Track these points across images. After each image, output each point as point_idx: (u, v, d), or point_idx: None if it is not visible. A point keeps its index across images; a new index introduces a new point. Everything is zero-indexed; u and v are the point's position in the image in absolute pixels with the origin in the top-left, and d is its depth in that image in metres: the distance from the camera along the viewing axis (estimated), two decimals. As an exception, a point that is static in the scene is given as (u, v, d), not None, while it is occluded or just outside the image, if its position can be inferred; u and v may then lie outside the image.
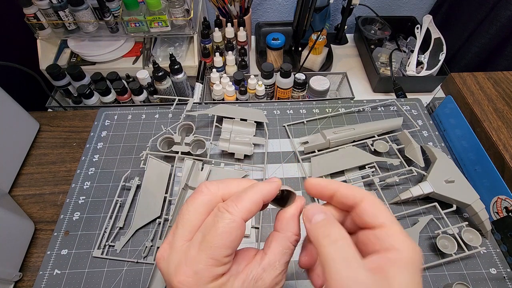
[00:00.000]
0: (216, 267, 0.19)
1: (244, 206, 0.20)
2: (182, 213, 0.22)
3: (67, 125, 0.61)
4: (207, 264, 0.19)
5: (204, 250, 0.19)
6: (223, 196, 0.22)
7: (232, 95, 0.70)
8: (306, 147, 0.54)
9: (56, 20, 0.71)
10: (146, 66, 0.78)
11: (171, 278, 0.19)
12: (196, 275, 0.19)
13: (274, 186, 0.22)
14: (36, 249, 0.46)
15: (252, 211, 0.21)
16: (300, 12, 0.80)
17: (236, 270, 0.20)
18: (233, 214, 0.20)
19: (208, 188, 0.22)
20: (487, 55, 0.84)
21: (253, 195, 0.21)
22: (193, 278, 0.19)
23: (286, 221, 0.22)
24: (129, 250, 0.45)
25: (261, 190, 0.21)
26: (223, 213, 0.20)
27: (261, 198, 0.21)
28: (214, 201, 0.22)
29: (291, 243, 0.22)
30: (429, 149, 0.53)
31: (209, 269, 0.19)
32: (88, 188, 0.51)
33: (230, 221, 0.20)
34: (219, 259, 0.19)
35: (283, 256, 0.21)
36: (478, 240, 0.44)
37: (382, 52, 0.89)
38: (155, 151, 0.52)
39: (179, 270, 0.19)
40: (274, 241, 0.22)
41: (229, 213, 0.20)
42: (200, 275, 0.19)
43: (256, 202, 0.21)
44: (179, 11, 0.71)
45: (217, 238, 0.19)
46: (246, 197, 0.21)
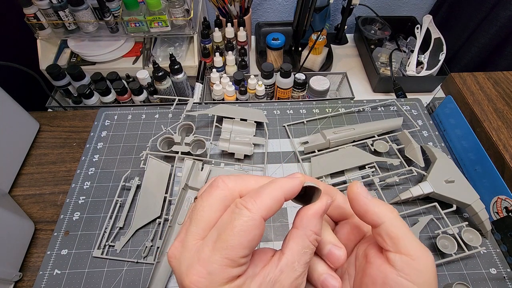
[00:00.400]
0: (232, 268, 0.18)
1: (264, 203, 0.18)
2: (196, 209, 0.20)
3: (67, 125, 0.61)
4: (222, 265, 0.17)
5: (219, 249, 0.18)
6: (240, 192, 0.20)
7: (232, 95, 0.70)
8: (306, 147, 0.54)
9: (56, 20, 0.71)
10: (146, 66, 0.78)
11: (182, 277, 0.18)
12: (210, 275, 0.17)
13: (296, 182, 0.20)
14: (36, 249, 0.46)
15: (273, 208, 0.19)
16: (300, 12, 0.80)
17: (252, 272, 0.19)
18: (252, 212, 0.18)
19: (225, 183, 0.20)
20: (487, 55, 0.84)
21: (274, 192, 0.19)
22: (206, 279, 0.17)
23: (307, 218, 0.20)
24: (129, 250, 0.45)
25: (282, 187, 0.19)
26: (241, 210, 0.18)
27: (283, 195, 0.19)
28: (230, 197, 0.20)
29: (311, 242, 0.20)
30: (429, 149, 0.53)
31: (224, 270, 0.18)
32: (88, 188, 0.51)
33: (248, 219, 0.18)
34: (235, 260, 0.18)
35: (302, 256, 0.19)
36: (478, 240, 0.44)
37: (382, 52, 0.89)
38: (155, 151, 0.52)
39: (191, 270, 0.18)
40: (292, 240, 0.20)
41: (248, 210, 0.18)
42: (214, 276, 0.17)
43: (277, 199, 0.19)
44: (179, 11, 0.71)
45: (233, 237, 0.18)
46: (266, 193, 0.19)
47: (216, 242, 0.18)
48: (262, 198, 0.19)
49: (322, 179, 0.51)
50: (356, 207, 0.21)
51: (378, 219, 0.20)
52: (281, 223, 0.48)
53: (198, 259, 0.18)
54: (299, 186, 0.20)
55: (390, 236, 0.20)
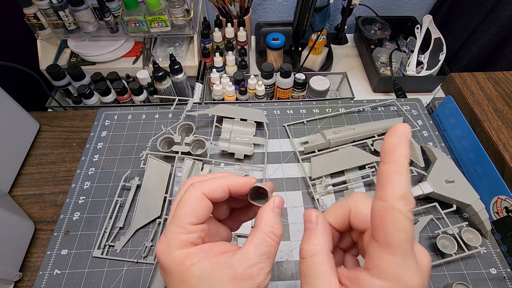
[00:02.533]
0: (183, 234, 0.21)
1: (208, 184, 0.23)
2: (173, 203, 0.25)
3: (67, 125, 0.61)
4: (175, 232, 0.21)
5: (173, 220, 0.22)
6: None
7: (232, 95, 0.70)
8: (306, 147, 0.54)
9: (56, 20, 0.71)
10: (146, 66, 0.78)
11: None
12: (168, 241, 0.21)
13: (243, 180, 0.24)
14: (36, 249, 0.46)
15: (214, 190, 0.23)
16: (300, 12, 0.80)
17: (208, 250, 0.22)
18: (195, 187, 0.23)
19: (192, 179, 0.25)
20: (487, 55, 0.84)
21: (220, 180, 0.23)
22: (165, 244, 0.21)
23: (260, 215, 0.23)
24: (129, 250, 0.45)
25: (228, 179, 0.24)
26: (188, 188, 0.23)
27: (226, 184, 0.23)
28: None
29: (266, 234, 0.22)
30: (429, 149, 0.53)
31: (177, 236, 0.21)
32: (88, 188, 0.51)
33: (191, 194, 0.22)
34: (184, 226, 0.21)
35: (258, 247, 0.21)
36: (478, 240, 0.44)
37: (382, 52, 0.89)
38: (155, 151, 0.52)
39: (159, 240, 0.23)
40: (251, 235, 0.22)
41: (192, 186, 0.23)
42: (170, 241, 0.21)
43: (220, 185, 0.23)
44: (179, 11, 0.71)
45: (181, 208, 0.22)
46: (212, 180, 0.23)
47: (173, 217, 0.22)
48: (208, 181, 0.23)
49: (322, 179, 0.51)
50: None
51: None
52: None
53: (164, 232, 0.23)
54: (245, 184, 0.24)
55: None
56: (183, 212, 0.22)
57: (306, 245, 0.21)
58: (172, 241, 0.21)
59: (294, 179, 0.52)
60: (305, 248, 0.20)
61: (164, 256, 0.21)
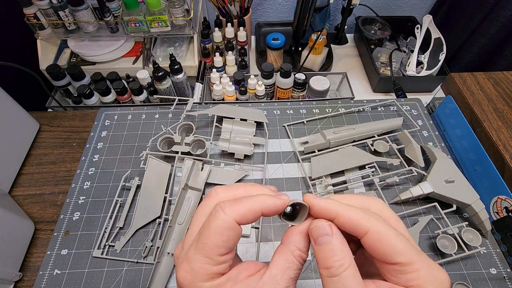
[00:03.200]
0: (211, 265, 0.20)
1: (239, 209, 0.20)
2: (193, 217, 0.23)
3: (67, 125, 0.61)
4: (202, 263, 0.20)
5: (199, 249, 0.20)
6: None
7: (232, 95, 0.70)
8: (306, 147, 0.54)
9: (56, 20, 0.71)
10: (146, 66, 0.78)
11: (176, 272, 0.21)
12: (193, 271, 0.20)
13: (279, 202, 0.21)
14: (36, 249, 0.46)
15: (247, 217, 0.20)
16: (300, 12, 0.80)
17: (235, 276, 0.20)
18: (227, 214, 0.20)
19: (217, 193, 0.23)
20: (487, 55, 0.84)
21: (252, 203, 0.21)
22: (191, 274, 0.20)
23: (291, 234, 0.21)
24: (129, 250, 0.45)
25: (262, 201, 0.21)
26: (217, 212, 0.20)
27: (260, 208, 0.21)
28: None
29: (295, 258, 0.21)
30: (429, 149, 0.53)
31: (204, 268, 0.20)
32: (88, 188, 0.51)
33: (222, 222, 0.20)
34: (213, 258, 0.20)
35: (286, 271, 0.20)
36: (478, 240, 0.44)
37: (382, 52, 0.89)
38: (155, 151, 0.52)
39: (180, 266, 0.20)
40: (277, 254, 0.21)
41: (223, 212, 0.20)
42: (196, 272, 0.20)
43: (253, 211, 0.21)
44: (179, 11, 0.71)
45: (209, 237, 0.20)
46: (245, 202, 0.21)
47: (198, 243, 0.20)
48: (240, 205, 0.20)
49: (322, 179, 0.51)
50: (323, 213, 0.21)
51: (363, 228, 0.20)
52: (281, 223, 0.48)
53: (186, 257, 0.20)
54: (281, 206, 0.21)
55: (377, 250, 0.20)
56: (213, 243, 0.20)
57: (331, 261, 0.19)
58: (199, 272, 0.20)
59: (294, 179, 0.52)
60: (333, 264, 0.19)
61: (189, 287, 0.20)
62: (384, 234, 0.19)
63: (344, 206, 0.21)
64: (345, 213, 0.20)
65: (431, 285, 0.18)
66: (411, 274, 0.19)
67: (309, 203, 0.21)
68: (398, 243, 0.19)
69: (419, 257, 0.19)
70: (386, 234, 0.19)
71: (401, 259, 0.19)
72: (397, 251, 0.19)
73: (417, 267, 0.19)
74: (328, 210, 0.21)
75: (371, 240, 0.19)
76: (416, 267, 0.19)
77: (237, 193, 0.22)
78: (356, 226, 0.20)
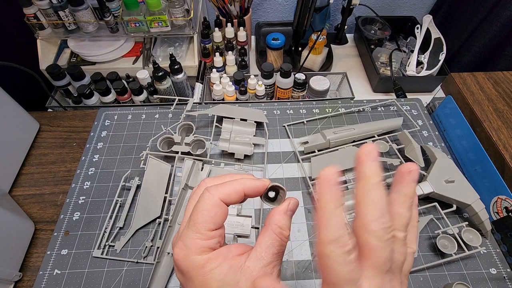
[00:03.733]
0: (202, 240, 0.22)
1: (223, 189, 0.23)
2: (186, 207, 0.25)
3: (67, 125, 0.61)
4: (194, 238, 0.22)
5: (190, 227, 0.22)
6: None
7: (232, 95, 0.70)
8: (306, 147, 0.54)
9: (56, 20, 0.71)
10: (146, 66, 0.78)
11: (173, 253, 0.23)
12: (186, 247, 0.22)
13: (259, 183, 0.24)
14: (36, 249, 0.46)
15: (231, 196, 0.23)
16: (300, 12, 0.80)
17: (225, 253, 0.22)
18: (212, 194, 0.23)
19: (205, 182, 0.25)
20: (487, 55, 0.84)
21: (235, 184, 0.23)
22: (184, 249, 0.22)
23: (272, 215, 0.24)
24: (129, 250, 0.45)
25: (244, 182, 0.24)
26: (204, 193, 0.23)
27: (242, 188, 0.23)
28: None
29: (276, 235, 0.23)
30: (429, 149, 0.53)
31: (196, 242, 0.22)
32: (88, 188, 0.51)
33: (209, 200, 0.22)
34: (203, 233, 0.22)
35: (269, 247, 0.22)
36: (478, 240, 0.44)
37: (382, 52, 0.89)
38: (155, 151, 0.52)
39: (176, 244, 0.23)
40: (261, 235, 0.23)
41: (209, 192, 0.23)
42: (189, 247, 0.22)
43: (236, 190, 0.23)
44: (179, 11, 0.71)
45: (198, 215, 0.22)
46: (228, 184, 0.23)
47: (189, 222, 0.23)
48: (224, 186, 0.23)
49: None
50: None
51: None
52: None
53: (180, 237, 0.23)
54: (261, 187, 0.24)
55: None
56: (202, 219, 0.22)
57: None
58: (191, 247, 0.22)
59: (294, 179, 0.52)
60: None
61: (184, 262, 0.22)
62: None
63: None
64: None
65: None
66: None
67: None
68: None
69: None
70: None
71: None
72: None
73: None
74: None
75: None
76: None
77: (222, 180, 0.25)
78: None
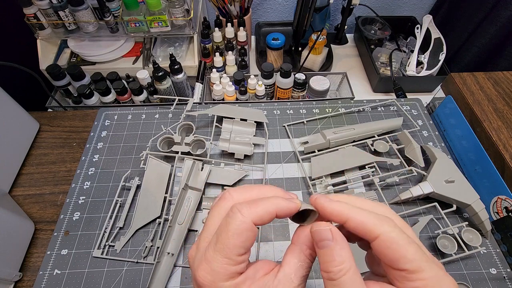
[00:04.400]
0: (231, 266, 0.20)
1: (256, 211, 0.21)
2: (208, 218, 0.23)
3: (67, 125, 0.61)
4: (222, 263, 0.20)
5: (219, 250, 0.20)
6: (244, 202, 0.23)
7: (232, 95, 0.70)
8: (306, 147, 0.54)
9: (56, 20, 0.71)
10: (146, 66, 0.78)
11: (194, 273, 0.21)
12: (213, 272, 0.20)
13: (292, 205, 0.22)
14: (36, 249, 0.46)
15: (263, 218, 0.21)
16: (300, 12, 0.80)
17: (253, 275, 0.21)
18: (244, 216, 0.21)
19: (231, 195, 0.23)
20: (487, 55, 0.84)
21: (268, 205, 0.21)
22: (211, 274, 0.20)
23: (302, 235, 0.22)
24: (129, 250, 0.45)
25: (277, 204, 0.22)
26: (235, 214, 0.21)
27: (275, 210, 0.21)
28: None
29: (306, 257, 0.22)
30: (429, 149, 0.53)
31: (225, 268, 0.20)
32: (88, 188, 0.51)
33: (240, 223, 0.20)
34: (233, 258, 0.20)
35: (299, 269, 0.21)
36: (478, 240, 0.44)
37: (382, 52, 0.89)
38: (155, 151, 0.52)
39: (199, 266, 0.21)
40: (289, 254, 0.22)
41: (241, 214, 0.21)
42: (217, 272, 0.20)
43: (269, 212, 0.21)
44: (179, 11, 0.71)
45: (229, 239, 0.20)
46: (261, 204, 0.21)
47: (216, 244, 0.21)
48: (256, 207, 0.21)
49: (322, 179, 0.51)
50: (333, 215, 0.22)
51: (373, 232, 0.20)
52: (281, 223, 0.48)
53: (204, 258, 0.21)
54: (294, 209, 0.22)
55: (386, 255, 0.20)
56: (232, 244, 0.20)
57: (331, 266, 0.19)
58: (219, 273, 0.20)
59: (294, 179, 0.52)
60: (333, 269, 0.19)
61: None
62: (395, 241, 0.19)
63: (355, 210, 0.21)
64: (357, 217, 0.20)
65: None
66: (417, 282, 0.19)
67: (320, 206, 0.22)
68: (408, 250, 0.19)
69: (428, 266, 0.19)
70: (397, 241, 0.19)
71: (408, 266, 0.19)
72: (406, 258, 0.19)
73: (424, 276, 0.19)
74: (340, 214, 0.21)
75: (380, 246, 0.20)
76: (423, 276, 0.19)
77: (251, 194, 0.23)
78: (366, 231, 0.20)
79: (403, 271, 0.19)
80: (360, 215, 0.20)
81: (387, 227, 0.20)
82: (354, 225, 0.20)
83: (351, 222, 0.21)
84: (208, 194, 0.50)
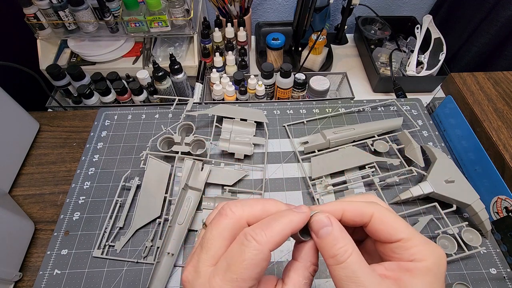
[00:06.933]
0: None
1: (273, 237, 0.19)
2: (207, 238, 0.21)
3: (67, 125, 0.61)
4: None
5: (229, 280, 0.18)
6: (248, 220, 0.21)
7: (232, 95, 0.70)
8: (306, 147, 0.54)
9: (56, 20, 0.71)
10: (146, 66, 0.78)
11: None
12: None
13: (304, 217, 0.21)
14: (36, 249, 0.46)
15: (280, 243, 0.20)
16: (300, 12, 0.80)
17: None
18: (261, 244, 0.19)
19: (233, 211, 0.21)
20: (487, 55, 0.84)
21: (283, 227, 0.20)
22: None
23: (304, 250, 0.21)
24: (129, 250, 0.45)
25: (291, 222, 0.20)
26: (250, 242, 0.19)
27: (291, 231, 0.20)
28: (238, 225, 0.21)
29: (310, 273, 0.21)
30: (429, 149, 0.53)
31: None
32: (88, 188, 0.51)
33: (257, 252, 0.19)
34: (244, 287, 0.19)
35: (303, 287, 0.21)
36: (478, 240, 0.44)
37: (382, 52, 0.89)
38: (155, 151, 0.52)
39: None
40: (293, 271, 0.21)
41: (257, 242, 0.19)
42: None
43: (286, 235, 0.20)
44: (179, 11, 0.71)
45: (243, 270, 0.18)
46: (276, 227, 0.20)
47: (226, 272, 0.19)
48: (272, 232, 0.19)
49: (322, 179, 0.51)
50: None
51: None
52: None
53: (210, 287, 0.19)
54: (306, 220, 0.21)
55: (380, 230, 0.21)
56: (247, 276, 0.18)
57: (336, 249, 0.19)
58: None
59: (294, 179, 0.52)
60: (336, 252, 0.19)
61: None
62: (386, 216, 0.21)
63: (348, 202, 0.22)
64: (351, 205, 0.22)
65: (431, 257, 0.20)
66: (412, 248, 0.20)
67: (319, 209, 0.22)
68: (398, 222, 0.21)
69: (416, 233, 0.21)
70: (388, 216, 0.21)
71: (403, 235, 0.20)
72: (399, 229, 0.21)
73: (416, 242, 0.20)
74: (337, 209, 0.22)
75: (375, 223, 0.21)
76: (415, 242, 0.20)
77: (254, 210, 0.21)
78: (361, 214, 0.21)
79: (398, 241, 0.20)
80: (353, 204, 0.22)
81: (378, 207, 0.22)
82: (350, 213, 0.22)
83: (347, 212, 0.22)
84: (208, 194, 0.50)
